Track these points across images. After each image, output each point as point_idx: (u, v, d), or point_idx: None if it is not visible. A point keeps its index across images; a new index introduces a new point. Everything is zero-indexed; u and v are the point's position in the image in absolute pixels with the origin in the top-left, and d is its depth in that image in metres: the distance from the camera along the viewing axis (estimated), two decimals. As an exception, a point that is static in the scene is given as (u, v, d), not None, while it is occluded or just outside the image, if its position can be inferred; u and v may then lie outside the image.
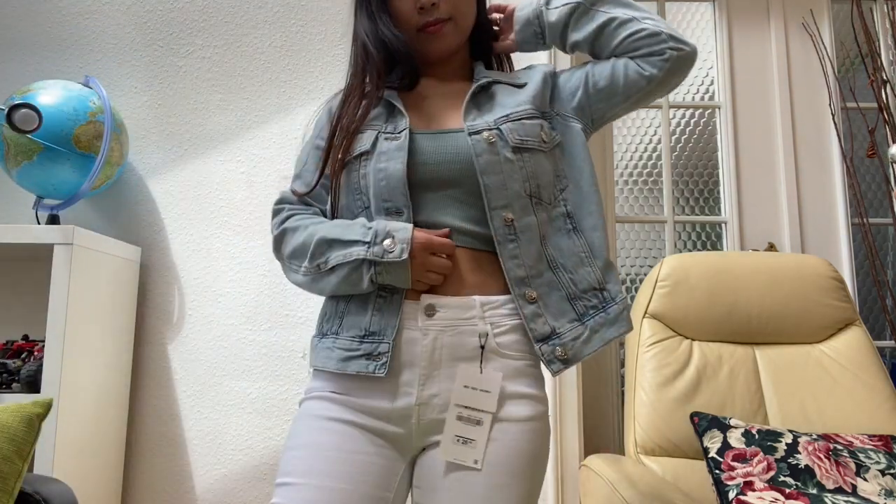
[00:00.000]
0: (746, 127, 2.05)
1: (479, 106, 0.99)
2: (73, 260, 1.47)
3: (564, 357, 0.91)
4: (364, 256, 0.89)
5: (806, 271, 1.61)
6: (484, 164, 0.92)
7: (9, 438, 1.06)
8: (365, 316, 0.92)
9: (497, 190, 0.92)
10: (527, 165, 0.94)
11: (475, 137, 0.93)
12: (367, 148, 0.95)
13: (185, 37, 1.91)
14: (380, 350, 0.90)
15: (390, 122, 0.97)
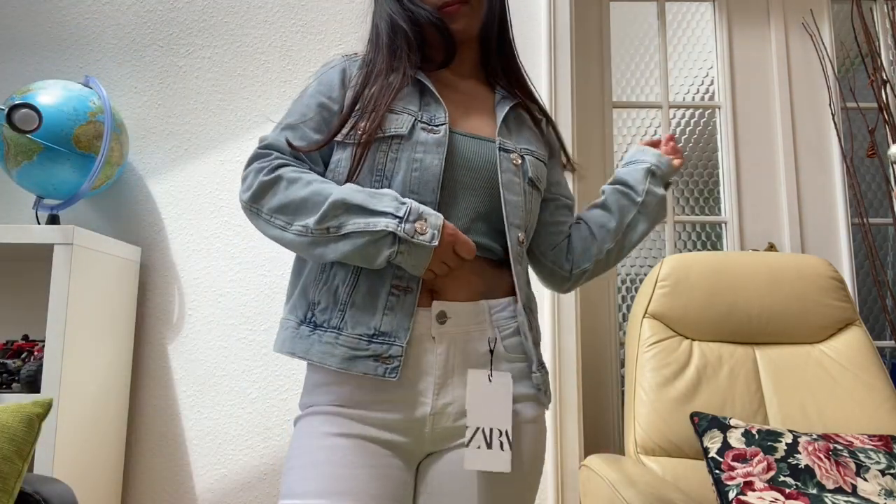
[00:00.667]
0: (746, 127, 2.05)
1: (508, 124, 1.00)
2: (73, 260, 1.47)
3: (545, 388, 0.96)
4: (393, 230, 0.81)
5: (806, 271, 1.61)
6: (507, 181, 0.93)
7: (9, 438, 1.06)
8: (375, 314, 0.86)
9: (516, 208, 0.94)
10: (532, 202, 0.98)
11: (504, 154, 0.94)
12: (403, 132, 0.89)
13: (185, 37, 1.91)
14: (391, 353, 0.85)
15: (425, 110, 0.93)
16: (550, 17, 1.87)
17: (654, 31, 2.13)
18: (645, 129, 2.10)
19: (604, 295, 1.96)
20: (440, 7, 0.95)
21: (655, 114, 2.09)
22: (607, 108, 2.05)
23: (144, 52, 1.90)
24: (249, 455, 1.72)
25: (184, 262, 1.81)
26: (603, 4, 2.10)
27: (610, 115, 2.05)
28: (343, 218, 0.83)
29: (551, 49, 1.86)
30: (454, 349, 0.88)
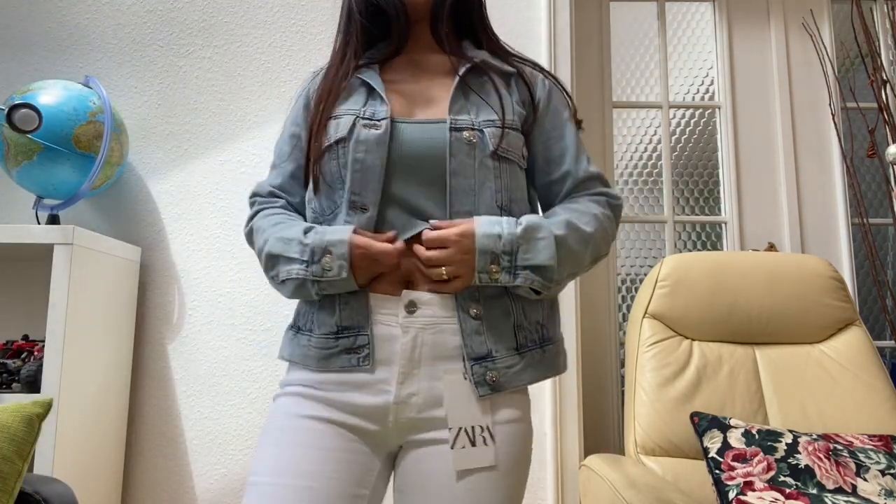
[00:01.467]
0: (746, 127, 2.05)
1: (468, 94, 0.94)
2: (73, 260, 1.47)
3: (494, 382, 0.87)
4: (304, 277, 0.87)
5: (806, 271, 1.61)
6: (456, 165, 0.88)
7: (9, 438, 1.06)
8: (334, 314, 0.89)
9: (464, 194, 0.88)
10: (503, 175, 0.91)
11: (455, 135, 0.89)
12: (343, 134, 0.90)
13: (185, 37, 1.91)
14: (359, 343, 0.87)
15: (369, 105, 0.93)
16: (550, 17, 1.87)
17: (654, 31, 2.13)
18: (645, 128, 2.10)
19: (604, 295, 1.96)
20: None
21: (655, 114, 2.09)
22: (607, 108, 2.05)
23: (144, 52, 1.90)
24: (249, 455, 1.72)
25: (184, 262, 1.80)
26: (603, 4, 2.10)
27: (610, 115, 2.05)
28: (274, 269, 0.91)
29: (551, 49, 1.86)
30: (421, 339, 0.87)
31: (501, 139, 0.90)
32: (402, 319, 0.88)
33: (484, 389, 0.86)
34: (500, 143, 0.90)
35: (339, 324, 0.88)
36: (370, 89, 0.95)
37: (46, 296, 1.74)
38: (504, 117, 0.92)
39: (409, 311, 0.88)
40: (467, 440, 0.85)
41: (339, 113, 0.93)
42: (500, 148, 0.90)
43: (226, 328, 1.77)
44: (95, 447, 1.56)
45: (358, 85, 0.96)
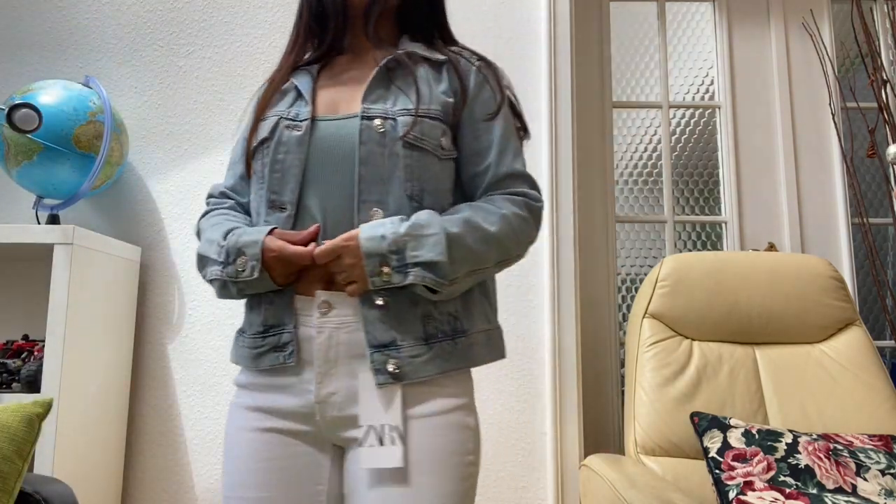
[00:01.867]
0: (746, 127, 2.05)
1: (388, 85, 0.94)
2: (73, 260, 1.47)
3: (396, 372, 0.85)
4: (222, 277, 0.90)
5: (806, 271, 1.61)
6: (365, 153, 0.88)
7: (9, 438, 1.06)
8: (261, 312, 0.91)
9: (372, 183, 0.88)
10: (414, 164, 0.89)
11: (365, 123, 0.89)
12: (266, 135, 0.93)
13: (185, 37, 1.91)
14: (283, 340, 0.89)
15: (295, 105, 0.95)
16: (550, 17, 1.87)
17: (654, 31, 2.13)
18: (645, 128, 2.10)
19: (604, 295, 1.96)
20: None
21: (655, 114, 2.09)
22: (607, 108, 2.05)
23: (144, 52, 1.90)
24: (249, 455, 1.72)
25: (184, 262, 1.80)
26: (603, 4, 2.10)
27: (610, 115, 2.05)
28: (203, 269, 0.95)
29: (551, 49, 1.86)
30: (336, 339, 0.88)
31: (413, 126, 0.89)
32: (316, 320, 0.88)
33: (384, 378, 0.85)
34: (410, 130, 0.89)
35: (265, 322, 0.91)
36: (299, 91, 0.97)
37: (46, 296, 1.74)
38: (419, 106, 0.91)
39: (322, 311, 0.88)
40: (376, 439, 0.85)
41: (267, 115, 0.97)
42: (410, 135, 0.89)
43: (226, 328, 1.77)
44: (95, 447, 1.56)
45: (291, 87, 0.99)
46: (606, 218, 1.99)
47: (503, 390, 1.74)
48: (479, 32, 1.89)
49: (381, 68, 0.94)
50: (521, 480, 1.70)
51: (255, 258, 0.87)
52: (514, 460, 1.71)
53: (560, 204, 1.79)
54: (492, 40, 1.89)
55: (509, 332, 1.77)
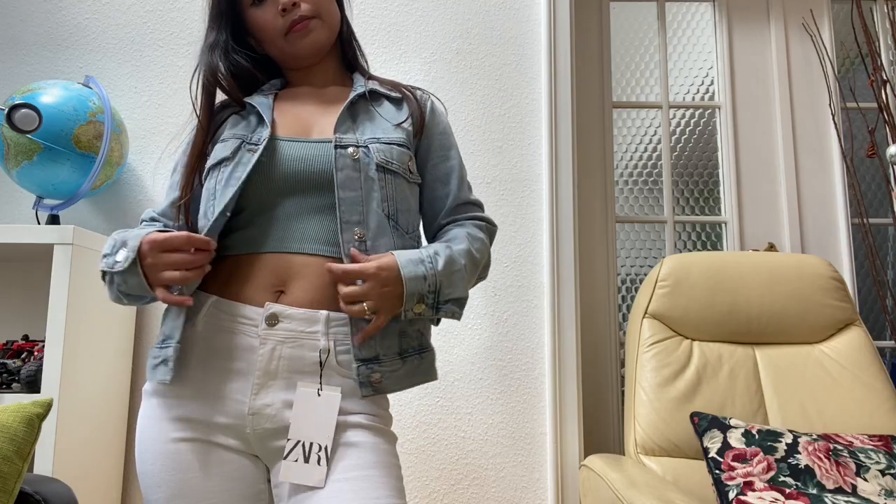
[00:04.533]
0: (746, 127, 2.05)
1: (355, 118, 0.99)
2: (73, 260, 1.47)
3: (378, 384, 0.90)
4: (102, 268, 0.92)
5: (806, 271, 1.61)
6: (343, 178, 0.92)
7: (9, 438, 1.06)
8: (164, 322, 0.94)
9: (352, 205, 0.92)
10: (388, 186, 0.95)
11: (340, 151, 0.93)
12: (227, 154, 0.95)
13: (185, 37, 1.91)
14: (167, 354, 0.90)
15: (256, 131, 0.98)
16: (550, 18, 1.87)
17: (654, 31, 2.13)
18: (645, 128, 2.10)
19: (604, 295, 1.96)
20: (288, 29, 1.00)
21: (655, 114, 2.09)
22: (607, 108, 2.05)
23: (144, 52, 1.90)
24: (249, 455, 1.72)
25: (184, 262, 1.80)
26: (603, 4, 2.10)
27: (610, 115, 2.05)
28: None
29: (551, 49, 1.86)
30: (279, 352, 0.88)
31: (385, 153, 0.95)
32: (261, 331, 0.89)
33: (367, 390, 0.89)
34: (383, 156, 0.95)
35: (166, 332, 0.93)
36: (259, 117, 1.00)
37: (46, 296, 1.74)
38: (388, 135, 0.98)
39: (270, 323, 0.89)
40: (301, 455, 0.85)
41: (226, 137, 0.99)
42: (383, 160, 0.95)
43: (226, 328, 1.77)
44: (95, 447, 1.56)
45: (252, 113, 1.01)
46: (606, 218, 1.99)
47: (503, 390, 1.74)
48: (479, 32, 1.90)
49: (348, 104, 1.00)
50: (521, 480, 1.70)
51: (132, 249, 0.88)
52: (514, 460, 1.71)
53: (560, 204, 1.80)
54: (492, 40, 1.89)
55: (509, 332, 1.77)
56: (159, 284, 0.88)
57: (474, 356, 1.75)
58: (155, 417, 0.91)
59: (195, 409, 0.90)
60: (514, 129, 1.86)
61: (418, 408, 1.73)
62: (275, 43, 1.02)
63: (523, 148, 1.85)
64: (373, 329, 0.89)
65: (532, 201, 1.82)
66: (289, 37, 1.00)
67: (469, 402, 1.73)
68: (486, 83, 1.88)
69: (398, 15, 1.90)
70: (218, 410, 0.89)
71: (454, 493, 1.69)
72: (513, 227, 1.81)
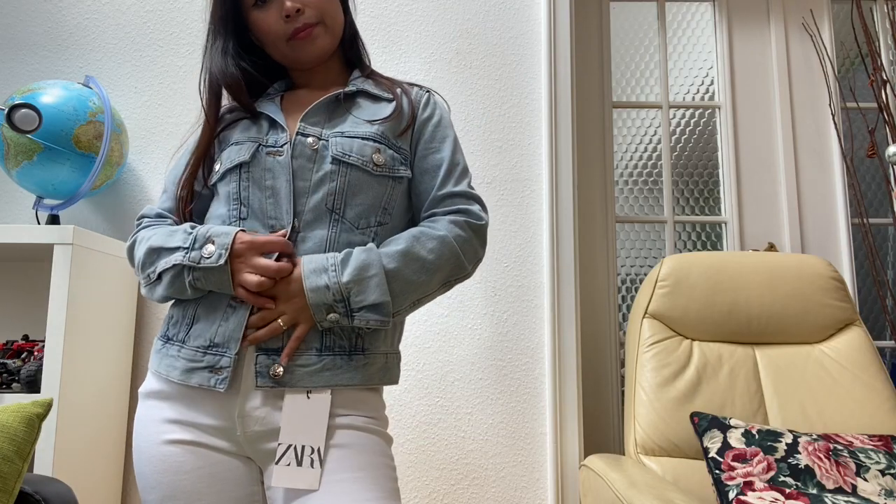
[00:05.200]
0: (746, 127, 2.05)
1: (331, 113, 0.99)
2: (73, 260, 1.47)
3: (276, 377, 0.87)
4: (182, 262, 0.89)
5: (806, 271, 1.61)
6: (297, 167, 0.92)
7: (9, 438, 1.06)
8: (212, 326, 0.90)
9: (300, 194, 0.92)
10: (338, 179, 0.93)
11: (300, 139, 0.93)
12: (246, 158, 0.95)
13: (185, 37, 1.91)
14: (221, 364, 0.88)
15: (272, 134, 0.97)
16: (550, 17, 1.87)
17: (654, 31, 2.13)
18: (645, 128, 2.10)
19: (604, 295, 1.96)
20: (291, 36, 0.99)
21: (655, 114, 2.09)
22: (607, 108, 2.05)
23: (144, 52, 1.90)
24: (249, 455, 1.72)
25: (184, 262, 1.80)
26: (603, 4, 2.10)
27: (610, 115, 2.05)
28: (156, 263, 0.93)
29: (551, 49, 1.86)
30: None
31: (343, 146, 0.94)
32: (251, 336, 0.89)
33: (263, 381, 0.87)
34: (341, 148, 0.93)
35: (213, 339, 0.89)
36: (272, 121, 0.99)
37: (46, 296, 1.74)
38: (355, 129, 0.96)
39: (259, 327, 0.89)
40: (294, 458, 0.85)
41: (240, 140, 0.98)
42: (340, 153, 0.93)
43: (226, 328, 1.77)
44: (95, 447, 1.56)
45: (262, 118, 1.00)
46: (606, 218, 1.99)
47: (503, 390, 1.74)
48: (479, 32, 1.90)
49: (326, 99, 0.99)
50: (521, 480, 1.70)
51: (223, 247, 0.88)
52: (514, 460, 1.71)
53: (560, 204, 1.80)
54: (492, 40, 1.89)
55: (509, 332, 1.77)
56: (240, 284, 0.88)
57: (474, 356, 1.75)
58: (149, 419, 0.91)
59: (187, 411, 0.90)
60: (514, 129, 1.86)
61: (418, 408, 1.73)
62: (277, 47, 1.01)
63: (523, 148, 1.85)
64: (295, 342, 0.88)
65: (532, 201, 1.82)
66: (291, 43, 1.00)
67: (469, 402, 1.73)
68: (486, 83, 1.88)
69: (398, 15, 1.90)
70: (208, 413, 0.89)
71: (454, 493, 1.69)
72: (513, 227, 1.81)
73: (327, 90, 1.05)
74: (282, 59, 1.04)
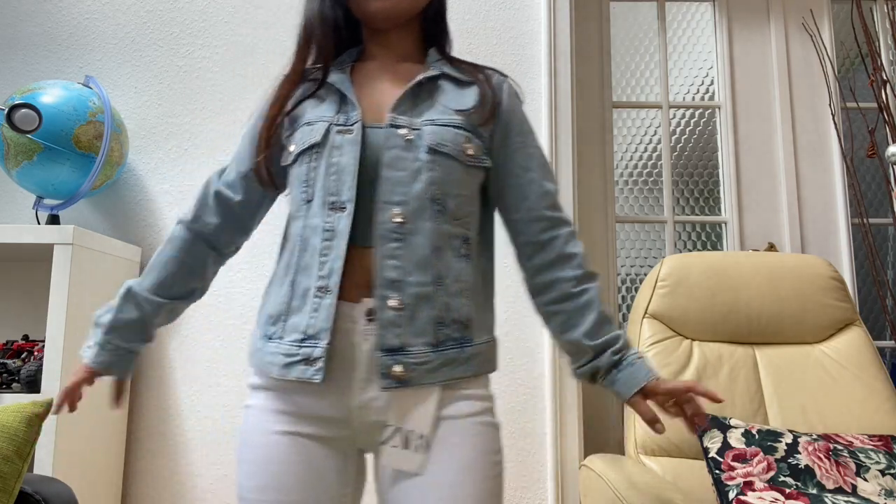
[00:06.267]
0: (746, 127, 2.05)
1: (417, 100, 0.96)
2: (73, 260, 1.47)
3: (401, 377, 0.86)
4: None
5: (806, 271, 1.61)
6: (390, 158, 0.90)
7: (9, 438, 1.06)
8: (304, 318, 0.89)
9: (395, 185, 0.89)
10: (436, 168, 0.91)
11: (392, 130, 0.91)
12: (317, 140, 0.93)
13: (185, 37, 1.91)
14: (315, 354, 0.87)
15: (342, 112, 0.95)
16: (550, 17, 1.87)
17: (654, 31, 2.13)
18: (645, 128, 2.10)
19: (604, 295, 1.96)
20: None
21: (655, 114, 2.09)
22: (607, 108, 2.05)
23: (144, 52, 1.90)
24: (249, 455, 1.72)
25: (184, 262, 1.80)
26: (603, 4, 2.10)
27: (610, 115, 2.05)
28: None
29: (551, 49, 1.86)
30: None
31: (438, 135, 0.92)
32: (362, 327, 0.88)
33: (387, 382, 0.86)
34: (436, 138, 0.91)
35: (307, 331, 0.89)
36: (342, 97, 0.97)
37: (46, 296, 1.74)
38: (446, 117, 0.94)
39: (369, 318, 0.88)
40: (401, 441, 0.86)
41: (312, 119, 0.96)
42: (435, 143, 0.91)
43: (226, 328, 1.77)
44: (95, 447, 1.56)
45: (332, 91, 0.98)
46: (606, 218, 1.99)
47: (503, 390, 1.74)
48: (479, 32, 1.90)
49: (413, 85, 0.96)
50: (521, 480, 1.70)
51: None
52: (515, 460, 1.71)
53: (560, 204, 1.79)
54: (492, 40, 1.89)
55: (509, 332, 1.77)
56: None
57: (474, 356, 1.75)
58: (262, 409, 0.92)
59: (303, 403, 0.90)
60: (514, 129, 1.85)
61: (418, 408, 1.73)
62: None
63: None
64: None
65: (532, 201, 1.82)
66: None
67: (469, 402, 1.73)
68: (486, 83, 1.88)
69: (398, 15, 1.90)
70: (325, 404, 0.89)
71: (454, 493, 1.69)
72: (513, 227, 1.81)
73: (399, 65, 1.02)
74: (356, 10, 1.00)
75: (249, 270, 1.80)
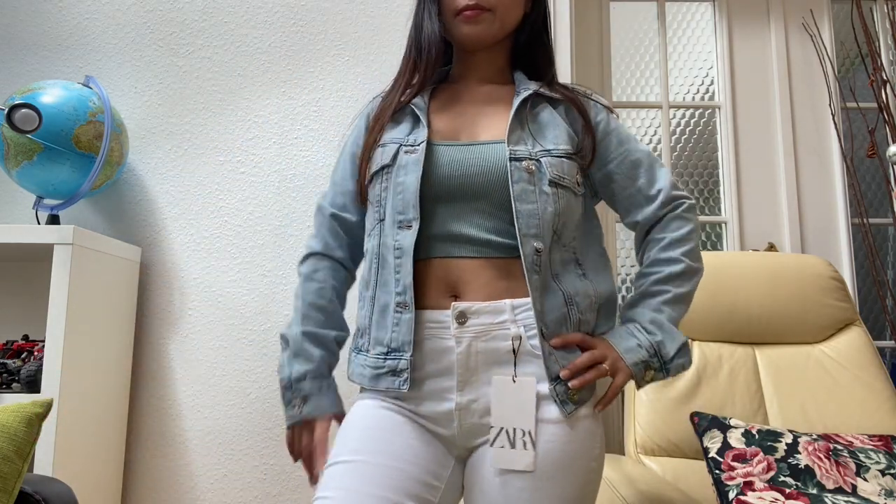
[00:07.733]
0: (746, 127, 2.05)
1: (523, 125, 0.99)
2: (73, 260, 1.47)
3: (574, 398, 0.91)
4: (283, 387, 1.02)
5: (806, 271, 1.61)
6: (519, 191, 0.93)
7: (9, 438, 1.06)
8: (387, 333, 0.94)
9: (530, 217, 0.92)
10: (560, 201, 0.95)
11: (515, 164, 0.94)
12: (387, 161, 0.97)
13: (185, 37, 1.91)
14: (400, 366, 0.92)
15: (413, 133, 0.99)
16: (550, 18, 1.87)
17: (654, 31, 2.13)
18: (645, 128, 2.10)
19: (604, 295, 1.96)
20: (459, 11, 0.99)
21: (655, 114, 2.09)
22: (607, 108, 2.05)
23: (144, 52, 1.90)
24: (249, 455, 1.72)
25: (184, 262, 1.81)
26: (603, 4, 2.10)
27: (610, 115, 2.05)
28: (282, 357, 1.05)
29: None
30: (475, 348, 0.91)
31: (557, 168, 0.96)
32: (454, 331, 0.91)
33: (571, 407, 0.90)
34: (556, 171, 0.95)
35: (390, 345, 0.93)
36: (416, 117, 1.01)
37: (46, 296, 1.74)
38: (558, 146, 0.98)
39: (461, 322, 0.91)
40: (507, 440, 0.88)
41: (385, 141, 1.00)
42: (556, 176, 0.95)
43: (226, 328, 1.77)
44: (95, 447, 1.56)
45: (408, 113, 1.02)
46: (607, 218, 1.99)
47: (503, 390, 1.73)
48: (479, 32, 1.89)
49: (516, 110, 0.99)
50: (521, 480, 1.70)
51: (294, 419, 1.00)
52: (514, 460, 1.70)
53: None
54: (492, 40, 1.89)
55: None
56: None
57: (474, 356, 1.75)
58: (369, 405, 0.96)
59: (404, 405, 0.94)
60: (514, 129, 1.85)
61: (418, 408, 1.73)
62: (445, 16, 1.01)
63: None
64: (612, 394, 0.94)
65: (532, 201, 1.82)
66: (457, 18, 1.00)
67: (469, 402, 1.73)
68: (486, 83, 1.88)
69: (399, 16, 1.90)
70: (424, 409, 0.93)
71: (454, 493, 1.69)
72: (513, 227, 1.81)
73: (483, 87, 1.06)
74: (449, 33, 1.03)
75: (249, 270, 1.80)
